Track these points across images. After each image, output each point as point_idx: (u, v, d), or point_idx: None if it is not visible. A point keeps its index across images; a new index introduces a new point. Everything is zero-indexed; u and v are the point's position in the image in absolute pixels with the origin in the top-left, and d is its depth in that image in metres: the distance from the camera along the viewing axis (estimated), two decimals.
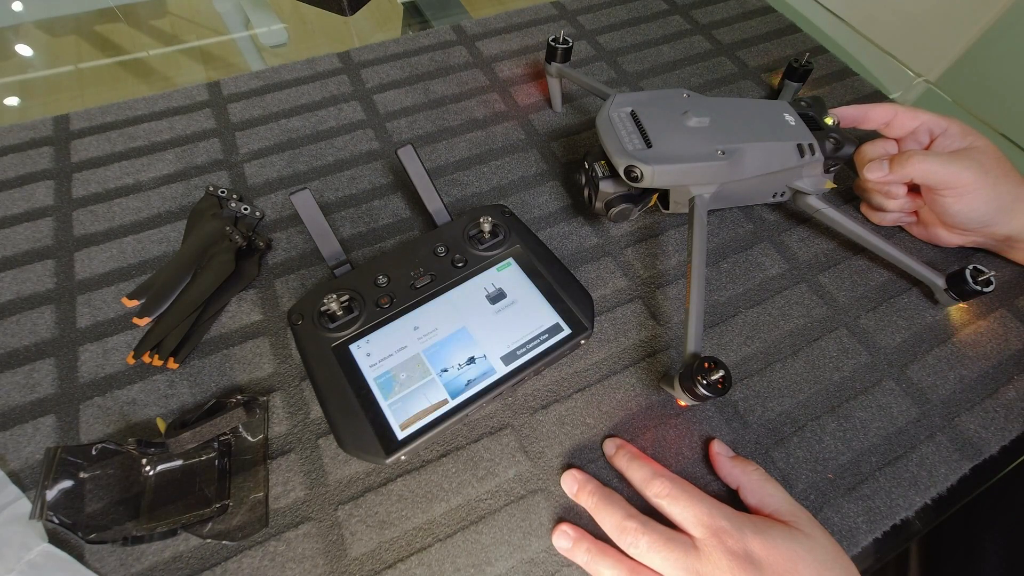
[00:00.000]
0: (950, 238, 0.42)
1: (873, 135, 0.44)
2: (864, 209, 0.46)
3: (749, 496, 0.31)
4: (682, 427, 0.35)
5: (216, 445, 0.32)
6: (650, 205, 0.41)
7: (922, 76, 0.61)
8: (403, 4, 0.74)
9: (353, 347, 0.34)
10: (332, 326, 0.34)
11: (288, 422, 0.34)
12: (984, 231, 0.40)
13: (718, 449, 0.34)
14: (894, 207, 0.43)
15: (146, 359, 0.35)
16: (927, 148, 0.42)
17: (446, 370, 0.33)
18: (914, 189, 0.43)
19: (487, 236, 0.38)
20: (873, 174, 0.40)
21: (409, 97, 0.52)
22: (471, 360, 0.33)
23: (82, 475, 0.29)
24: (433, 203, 0.40)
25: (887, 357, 0.39)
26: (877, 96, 0.55)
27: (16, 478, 0.32)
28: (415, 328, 0.35)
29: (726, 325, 0.39)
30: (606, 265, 0.42)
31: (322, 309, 0.34)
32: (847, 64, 0.58)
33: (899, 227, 0.45)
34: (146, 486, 0.30)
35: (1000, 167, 0.39)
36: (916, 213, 0.44)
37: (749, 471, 0.32)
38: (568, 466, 0.33)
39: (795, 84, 0.51)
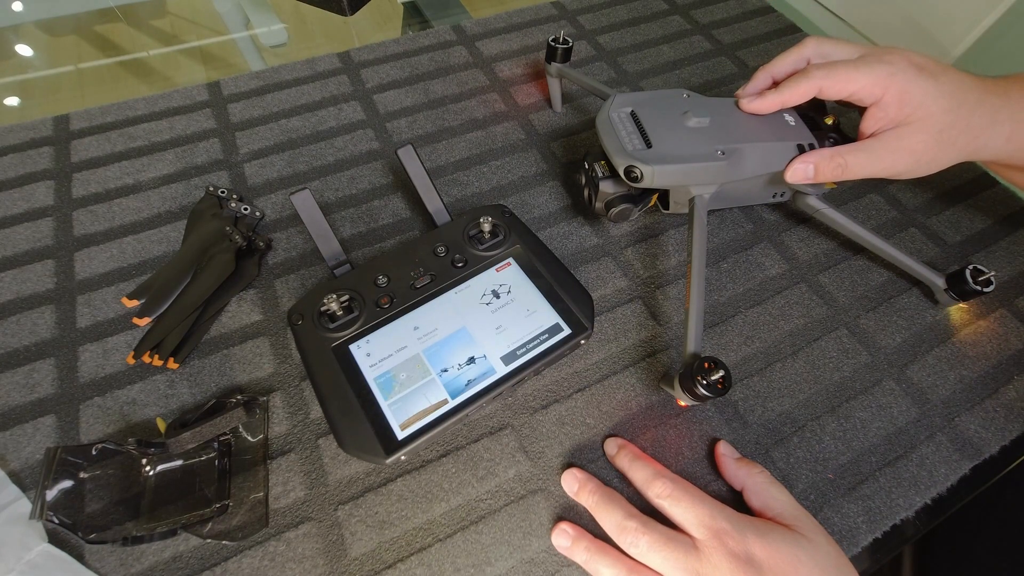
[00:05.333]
0: None
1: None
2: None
3: (753, 499, 0.31)
4: (682, 427, 0.35)
5: (216, 445, 0.32)
6: (650, 205, 0.41)
7: None
8: (403, 4, 0.74)
9: (353, 347, 0.34)
10: (332, 326, 0.34)
11: (288, 422, 0.34)
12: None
13: (723, 450, 0.34)
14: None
15: (146, 359, 0.35)
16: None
17: (446, 370, 0.33)
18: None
19: (487, 236, 0.38)
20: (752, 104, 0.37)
21: (409, 97, 0.52)
22: (471, 360, 0.33)
23: (82, 475, 0.29)
24: (433, 203, 0.40)
25: (887, 357, 0.39)
26: None
27: (16, 478, 0.32)
28: (415, 328, 0.35)
29: (726, 325, 0.39)
30: (606, 265, 0.42)
31: (322, 309, 0.34)
32: None
33: (899, 228, 0.45)
34: (146, 486, 0.30)
35: (937, 64, 0.34)
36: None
37: (754, 473, 0.32)
38: (568, 466, 0.33)
39: None
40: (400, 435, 0.31)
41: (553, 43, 0.46)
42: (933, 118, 0.33)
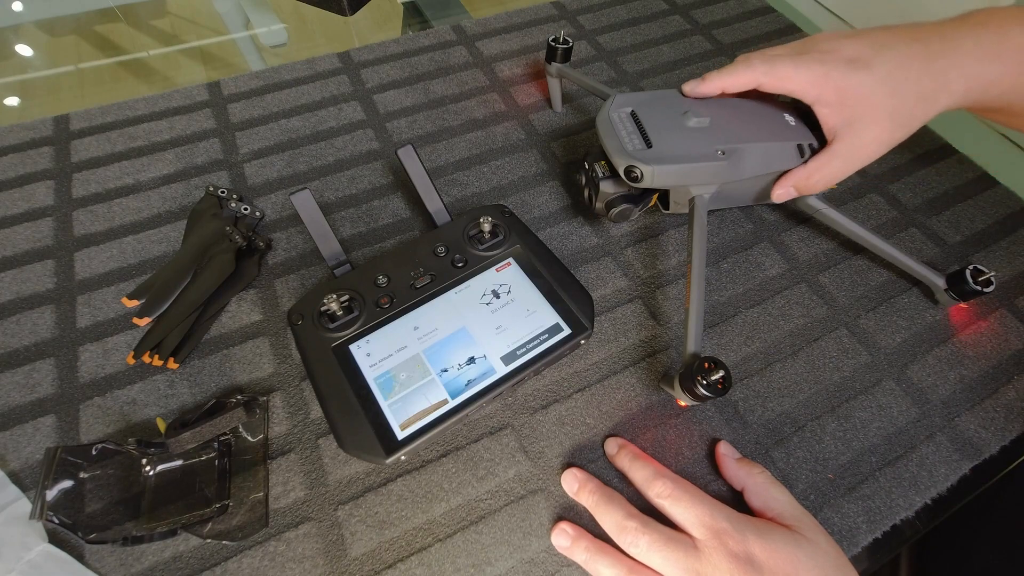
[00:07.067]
0: None
1: None
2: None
3: (753, 499, 0.31)
4: (682, 427, 0.35)
5: (216, 445, 0.32)
6: (650, 205, 0.41)
7: None
8: (403, 4, 0.74)
9: (353, 347, 0.34)
10: (332, 326, 0.34)
11: (288, 422, 0.34)
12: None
13: (724, 450, 0.34)
14: None
15: (146, 359, 0.35)
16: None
17: (446, 370, 0.33)
18: None
19: (487, 236, 0.38)
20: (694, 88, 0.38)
21: (409, 97, 0.52)
22: (471, 360, 0.33)
23: (82, 475, 0.29)
24: (433, 203, 0.40)
25: (887, 357, 0.39)
26: None
27: (16, 478, 0.32)
28: (415, 328, 0.35)
29: (726, 325, 0.39)
30: (606, 265, 0.42)
31: (322, 309, 0.34)
32: None
33: (899, 228, 0.45)
34: (146, 486, 0.30)
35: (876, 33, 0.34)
36: None
37: (755, 473, 0.32)
38: (568, 466, 0.33)
39: None
40: (400, 435, 0.31)
41: (553, 43, 0.46)
42: (880, 107, 0.33)
